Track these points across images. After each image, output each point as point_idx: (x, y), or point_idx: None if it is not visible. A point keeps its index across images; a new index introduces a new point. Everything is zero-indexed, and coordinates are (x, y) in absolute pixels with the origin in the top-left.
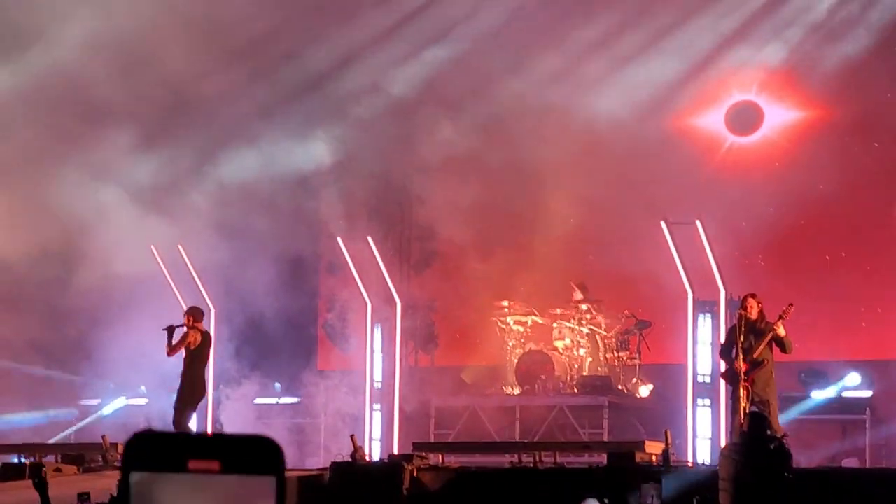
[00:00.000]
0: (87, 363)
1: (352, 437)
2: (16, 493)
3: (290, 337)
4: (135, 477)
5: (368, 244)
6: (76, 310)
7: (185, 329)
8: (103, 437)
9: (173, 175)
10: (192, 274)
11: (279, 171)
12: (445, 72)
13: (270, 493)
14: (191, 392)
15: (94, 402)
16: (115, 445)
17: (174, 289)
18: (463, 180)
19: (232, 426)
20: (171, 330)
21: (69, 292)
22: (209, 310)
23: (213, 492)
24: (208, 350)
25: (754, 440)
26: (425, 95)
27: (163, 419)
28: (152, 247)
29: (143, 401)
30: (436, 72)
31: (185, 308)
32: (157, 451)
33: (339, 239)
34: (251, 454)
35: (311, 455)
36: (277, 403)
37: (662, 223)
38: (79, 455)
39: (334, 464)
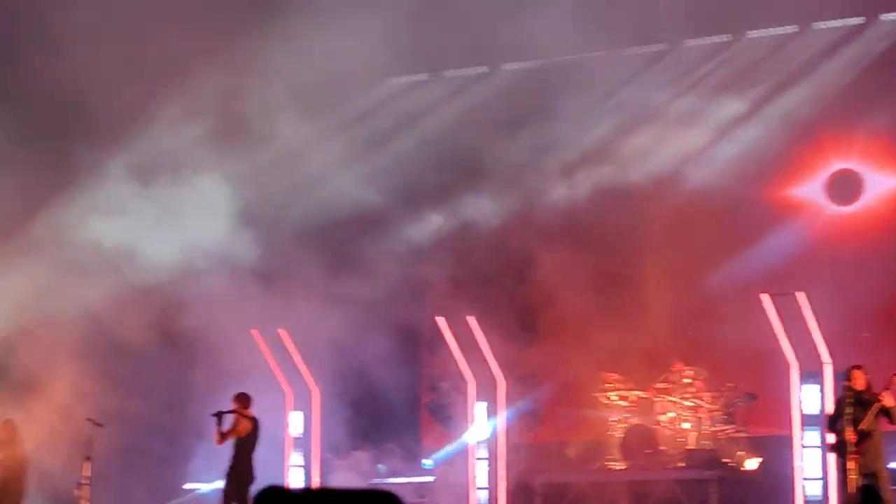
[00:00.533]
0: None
1: None
2: None
3: (394, 416)
4: None
5: (468, 324)
6: (190, 392)
7: (233, 415)
8: None
9: (276, 254)
10: (293, 356)
11: (384, 246)
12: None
13: None
14: (242, 479)
15: (200, 486)
16: None
17: (275, 371)
18: (565, 258)
19: None
20: (219, 416)
21: (184, 375)
22: (312, 392)
23: None
24: (257, 436)
25: None
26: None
27: None
28: (253, 331)
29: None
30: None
31: (286, 390)
32: None
33: (440, 319)
34: None
35: None
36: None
37: (765, 296)
38: None
39: None
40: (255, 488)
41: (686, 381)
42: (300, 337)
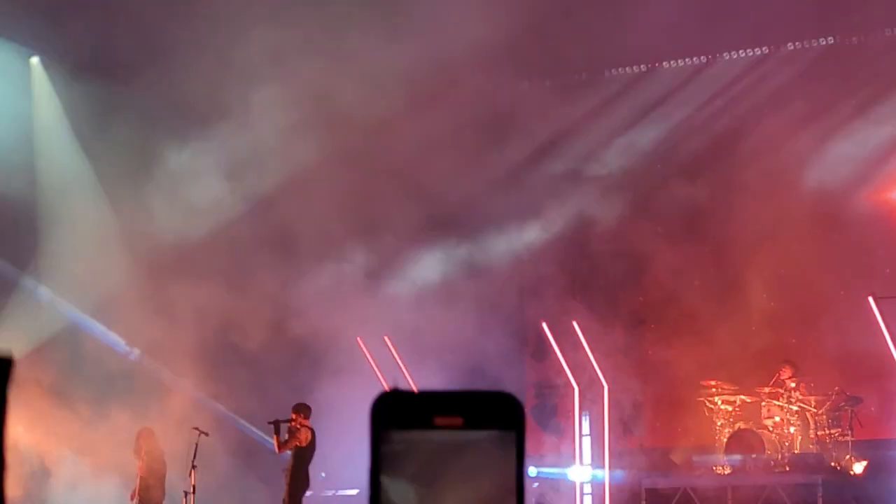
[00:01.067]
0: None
1: None
2: None
3: None
4: (382, 436)
5: (573, 328)
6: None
7: (291, 425)
8: None
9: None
10: (398, 363)
11: (488, 255)
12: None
13: (511, 447)
14: (298, 488)
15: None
16: None
17: (381, 378)
18: (673, 260)
19: None
20: (276, 425)
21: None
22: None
23: (457, 446)
24: (315, 447)
25: None
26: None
27: None
28: (359, 339)
29: (353, 491)
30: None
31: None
32: (403, 409)
33: (543, 324)
34: (494, 410)
35: None
36: None
37: (870, 298)
38: None
39: None
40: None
41: (792, 385)
42: (404, 342)
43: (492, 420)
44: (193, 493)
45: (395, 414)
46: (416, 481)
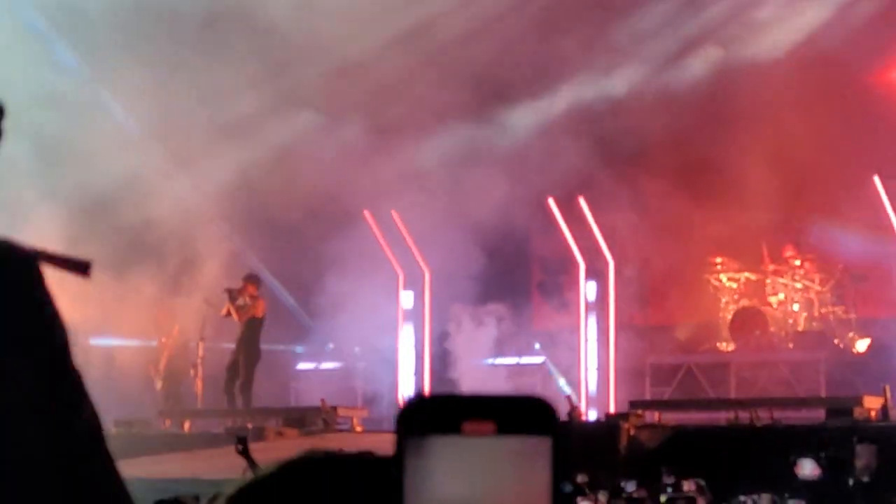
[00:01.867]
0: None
1: (567, 397)
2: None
3: (507, 298)
4: (408, 443)
5: (579, 204)
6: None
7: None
8: (322, 400)
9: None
10: (405, 238)
11: (497, 135)
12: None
13: (546, 454)
14: (255, 360)
15: (310, 365)
16: (334, 408)
17: (389, 253)
18: (671, 136)
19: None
20: (231, 293)
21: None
22: (423, 272)
23: (487, 453)
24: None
25: None
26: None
27: (372, 382)
28: (366, 211)
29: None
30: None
31: (399, 271)
32: (431, 414)
33: (550, 200)
34: (527, 415)
35: None
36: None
37: (875, 178)
38: (300, 418)
39: None
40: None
41: (796, 262)
42: (411, 218)
43: (525, 425)
44: (201, 364)
45: (421, 419)
46: (445, 490)
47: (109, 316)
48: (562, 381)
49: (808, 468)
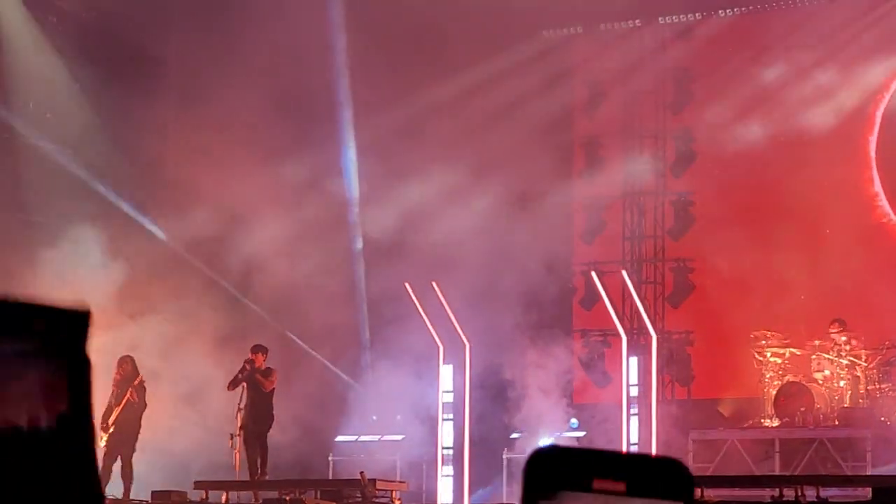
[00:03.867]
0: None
1: None
2: None
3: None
4: (536, 496)
5: (622, 277)
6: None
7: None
8: (361, 473)
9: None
10: (446, 309)
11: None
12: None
13: None
14: (268, 427)
15: (352, 438)
16: (372, 481)
17: (429, 325)
18: (723, 213)
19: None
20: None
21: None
22: (465, 345)
23: None
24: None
25: None
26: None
27: (417, 454)
28: (406, 284)
29: (398, 437)
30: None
31: (440, 344)
32: (561, 469)
33: (592, 273)
34: (660, 477)
35: None
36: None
37: None
38: (337, 491)
39: None
40: None
41: (842, 339)
42: (453, 291)
43: (657, 488)
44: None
45: (550, 473)
46: None
47: None
48: None
49: None
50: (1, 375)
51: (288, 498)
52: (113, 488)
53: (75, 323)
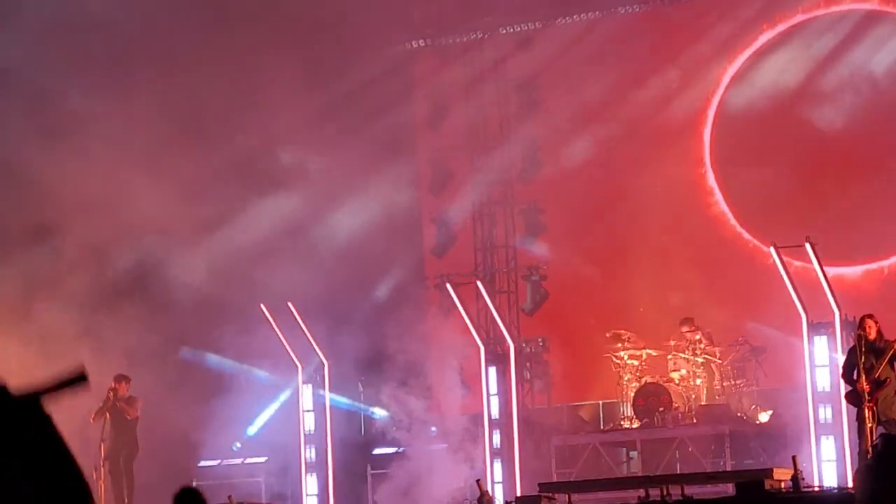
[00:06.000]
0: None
1: (478, 481)
2: None
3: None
4: None
5: (477, 288)
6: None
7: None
8: (230, 497)
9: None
10: (303, 330)
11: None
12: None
13: None
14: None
15: (213, 462)
16: None
17: (286, 346)
18: (573, 221)
19: None
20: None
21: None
22: (323, 365)
23: None
24: None
25: (890, 462)
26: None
27: (275, 476)
28: (262, 305)
29: (261, 459)
30: None
31: (298, 363)
32: None
33: (448, 285)
34: None
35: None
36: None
37: (771, 248)
38: None
39: None
40: None
41: (696, 337)
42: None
43: None
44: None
45: None
46: None
47: None
48: None
49: None
50: None
51: None
52: None
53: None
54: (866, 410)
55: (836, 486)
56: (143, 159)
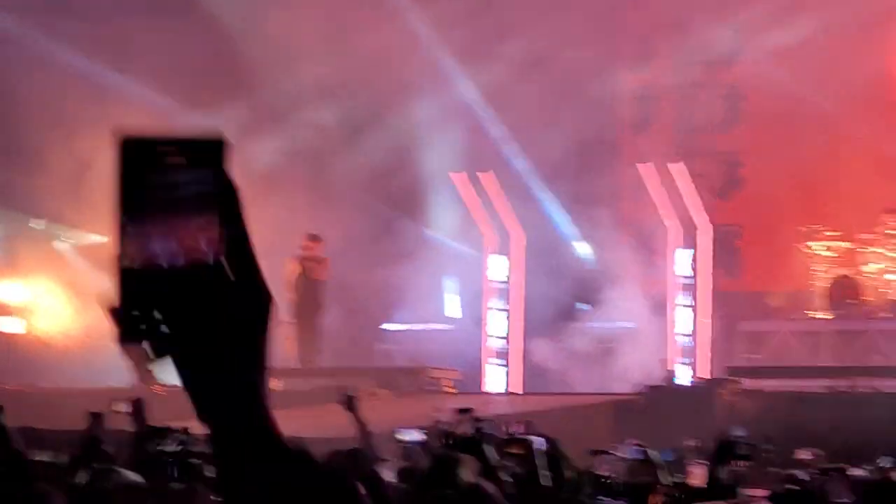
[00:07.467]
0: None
1: (662, 360)
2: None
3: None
4: None
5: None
6: None
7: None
8: (414, 361)
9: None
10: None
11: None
12: None
13: None
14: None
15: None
16: (425, 370)
17: (479, 219)
18: (771, 105)
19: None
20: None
21: None
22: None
23: None
24: None
25: None
26: None
27: (458, 343)
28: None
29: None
30: None
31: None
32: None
33: (638, 166)
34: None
35: (618, 379)
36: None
37: None
38: (391, 379)
39: (649, 387)
40: None
41: (891, 232)
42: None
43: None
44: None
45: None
46: None
47: None
48: None
49: None
50: (154, 212)
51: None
52: None
53: (213, 151)
54: None
55: None
56: None
